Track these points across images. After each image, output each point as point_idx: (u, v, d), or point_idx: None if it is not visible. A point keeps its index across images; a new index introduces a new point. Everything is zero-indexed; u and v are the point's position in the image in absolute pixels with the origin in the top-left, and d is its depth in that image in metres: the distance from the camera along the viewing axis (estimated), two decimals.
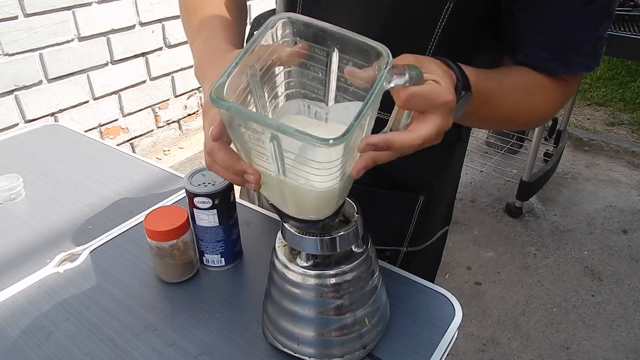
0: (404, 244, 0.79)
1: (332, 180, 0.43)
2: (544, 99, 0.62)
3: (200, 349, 0.60)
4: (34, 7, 1.93)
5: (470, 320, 1.87)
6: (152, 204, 0.87)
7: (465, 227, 2.35)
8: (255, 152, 0.43)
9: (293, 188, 0.45)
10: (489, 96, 0.56)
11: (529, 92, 0.61)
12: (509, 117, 0.63)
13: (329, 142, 0.37)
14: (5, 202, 0.88)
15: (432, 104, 0.45)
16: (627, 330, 1.82)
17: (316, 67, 0.47)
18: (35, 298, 0.68)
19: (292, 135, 0.37)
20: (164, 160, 2.66)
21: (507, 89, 0.59)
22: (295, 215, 0.52)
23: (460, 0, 0.56)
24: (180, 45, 2.58)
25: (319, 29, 0.44)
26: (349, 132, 0.37)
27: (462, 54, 0.62)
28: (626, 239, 2.27)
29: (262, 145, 0.42)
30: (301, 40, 0.45)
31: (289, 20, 0.45)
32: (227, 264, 0.73)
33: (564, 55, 0.59)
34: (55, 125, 1.17)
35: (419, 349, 0.60)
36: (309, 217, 0.52)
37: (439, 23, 0.58)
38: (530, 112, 0.62)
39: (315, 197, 0.46)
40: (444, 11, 0.57)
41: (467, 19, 0.60)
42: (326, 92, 0.48)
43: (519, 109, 0.61)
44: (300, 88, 0.49)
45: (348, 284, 0.54)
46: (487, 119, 0.63)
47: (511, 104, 0.60)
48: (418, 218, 0.76)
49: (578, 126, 3.22)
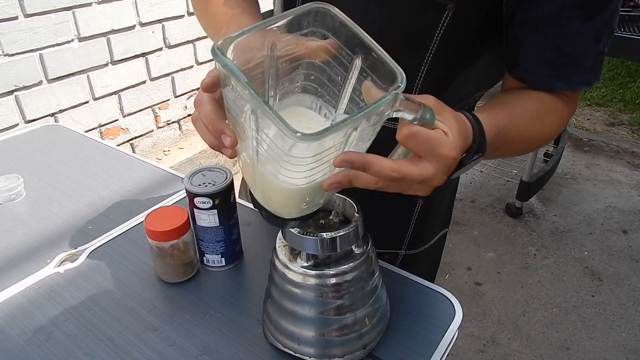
0: (403, 247, 0.79)
1: (297, 179, 0.42)
2: (554, 120, 0.62)
3: (200, 349, 0.60)
4: (34, 7, 1.93)
5: (471, 320, 1.87)
6: (152, 204, 0.87)
7: (465, 227, 2.35)
8: (239, 122, 0.42)
9: (262, 174, 0.44)
10: (507, 141, 0.56)
11: (542, 121, 0.60)
12: (523, 149, 0.63)
13: (297, 134, 0.35)
14: (6, 202, 0.88)
15: (431, 151, 0.43)
16: (627, 331, 1.82)
17: (337, 70, 0.45)
18: (36, 298, 0.68)
19: (268, 115, 0.36)
20: (164, 161, 2.66)
21: (523, 128, 0.58)
22: (261, 202, 0.50)
23: (459, 10, 0.56)
24: (180, 45, 2.58)
25: (352, 32, 0.42)
26: (321, 134, 0.36)
27: (459, 63, 0.61)
28: (626, 240, 2.27)
29: (244, 116, 0.40)
30: (332, 37, 0.44)
31: (328, 13, 0.43)
32: (227, 264, 0.73)
33: (565, 71, 0.59)
34: (55, 126, 1.17)
35: (419, 349, 0.60)
36: (273, 210, 0.50)
37: (437, 33, 0.58)
38: (543, 138, 0.62)
39: (278, 190, 0.45)
40: (442, 21, 0.57)
41: (465, 29, 0.59)
42: (339, 99, 0.47)
43: (533, 140, 0.61)
44: (318, 85, 0.47)
45: (348, 284, 0.54)
46: (498, 156, 0.63)
47: (526, 139, 0.60)
48: (417, 221, 0.76)
49: (578, 126, 3.22)
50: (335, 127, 0.37)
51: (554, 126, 0.62)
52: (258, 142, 0.41)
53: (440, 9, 0.56)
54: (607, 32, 0.56)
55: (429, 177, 0.43)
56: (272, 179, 0.43)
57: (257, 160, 0.43)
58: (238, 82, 0.37)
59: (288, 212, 0.50)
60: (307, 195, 0.45)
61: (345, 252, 0.55)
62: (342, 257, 0.55)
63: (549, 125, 0.61)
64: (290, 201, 0.48)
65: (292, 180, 0.42)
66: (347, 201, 0.57)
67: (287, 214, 0.50)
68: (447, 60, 0.60)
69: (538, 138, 0.62)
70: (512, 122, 0.56)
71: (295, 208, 0.49)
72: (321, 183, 0.42)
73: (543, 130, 0.61)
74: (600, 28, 0.55)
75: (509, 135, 0.56)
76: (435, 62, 0.59)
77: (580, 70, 0.58)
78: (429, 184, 0.44)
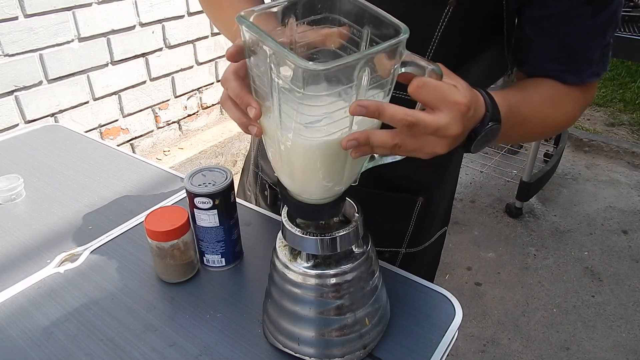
0: (403, 245, 0.79)
1: (316, 133, 0.43)
2: (570, 106, 0.62)
3: (200, 349, 0.60)
4: (34, 7, 1.93)
5: (471, 320, 1.87)
6: (152, 204, 0.87)
7: (465, 227, 2.34)
8: (262, 91, 0.45)
9: (285, 142, 0.46)
10: (520, 120, 0.56)
11: (556, 105, 0.61)
12: (538, 132, 0.63)
13: (309, 63, 0.38)
14: (6, 202, 0.88)
15: (443, 99, 0.43)
16: (627, 331, 1.82)
17: (350, 50, 0.47)
18: (36, 298, 0.68)
19: (284, 54, 0.39)
20: (164, 161, 2.66)
21: (536, 108, 0.59)
22: (288, 185, 0.52)
23: (460, 6, 0.56)
24: (180, 45, 2.58)
25: (359, 6, 0.45)
26: (330, 63, 0.38)
27: (461, 60, 0.61)
28: (626, 240, 2.27)
29: (266, 76, 0.43)
30: (344, 20, 0.46)
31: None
32: (227, 264, 0.73)
33: (574, 66, 0.59)
34: (55, 126, 1.17)
35: (419, 349, 0.60)
36: (299, 191, 0.51)
37: (438, 29, 0.58)
38: (558, 123, 0.63)
39: (299, 154, 0.46)
40: (443, 17, 0.57)
41: (466, 25, 0.59)
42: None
43: (548, 122, 0.62)
44: None
45: (348, 284, 0.54)
46: (516, 138, 0.63)
47: (540, 121, 0.60)
48: (417, 219, 0.76)
49: (578, 127, 3.22)
50: (343, 59, 0.39)
51: (570, 112, 0.62)
52: (279, 96, 0.43)
53: (441, 5, 0.56)
54: (614, 25, 0.57)
55: (444, 125, 0.43)
56: (294, 143, 0.45)
57: (280, 126, 0.45)
58: (260, 36, 0.40)
59: (311, 187, 0.51)
60: (327, 160, 0.46)
61: (345, 252, 0.55)
62: (342, 257, 0.55)
63: (564, 110, 0.62)
64: (312, 169, 0.48)
65: (311, 138, 0.44)
66: (347, 201, 0.57)
67: (310, 192, 0.51)
68: (449, 57, 0.60)
69: (553, 122, 0.62)
70: (525, 101, 0.57)
71: (316, 179, 0.49)
72: (340, 141, 0.44)
73: (557, 115, 0.61)
74: (607, 22, 0.56)
75: (523, 113, 0.56)
76: (437, 58, 0.60)
77: (589, 64, 0.59)
78: (445, 134, 0.44)
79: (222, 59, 2.84)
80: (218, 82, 2.90)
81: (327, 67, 0.38)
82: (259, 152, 0.87)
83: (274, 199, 0.86)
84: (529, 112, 0.57)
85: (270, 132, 0.48)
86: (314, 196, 0.52)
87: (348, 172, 0.50)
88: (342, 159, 0.47)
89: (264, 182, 0.86)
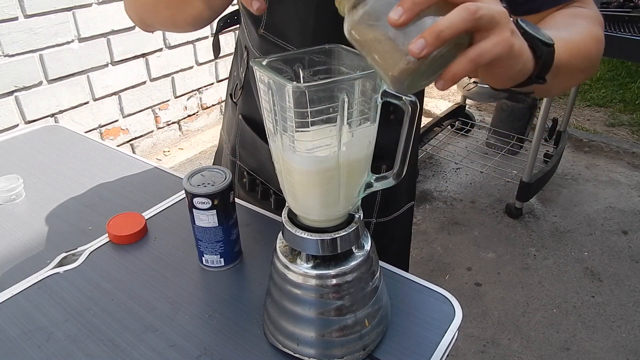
0: (373, 215, 0.83)
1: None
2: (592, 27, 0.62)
3: (200, 349, 0.60)
4: (34, 8, 1.94)
5: (471, 321, 1.86)
6: (152, 205, 0.87)
7: (465, 228, 2.34)
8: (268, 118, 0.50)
9: (288, 160, 0.50)
10: (569, 43, 0.55)
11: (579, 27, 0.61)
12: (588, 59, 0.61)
13: (294, 83, 0.42)
14: (6, 202, 0.88)
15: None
16: (628, 332, 1.82)
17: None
18: (36, 298, 0.68)
19: (274, 77, 0.44)
20: (164, 161, 2.66)
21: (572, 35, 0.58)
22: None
23: None
24: (180, 46, 2.58)
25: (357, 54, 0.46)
26: (314, 84, 0.42)
27: None
28: (626, 240, 2.27)
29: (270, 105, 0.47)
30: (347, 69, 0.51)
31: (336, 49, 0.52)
32: (226, 265, 0.73)
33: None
34: (55, 126, 1.17)
35: (419, 349, 0.60)
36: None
37: None
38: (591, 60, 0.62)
39: (297, 170, 0.49)
40: None
41: None
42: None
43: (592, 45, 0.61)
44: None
45: (349, 285, 0.54)
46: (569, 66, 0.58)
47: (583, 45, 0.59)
48: (383, 192, 0.80)
49: (578, 127, 3.22)
50: (324, 81, 0.43)
51: (596, 34, 0.62)
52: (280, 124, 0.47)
53: None
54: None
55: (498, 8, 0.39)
56: (291, 160, 0.49)
57: (282, 148, 0.50)
58: (265, 71, 0.45)
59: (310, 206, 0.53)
60: (321, 178, 0.49)
61: (345, 253, 0.55)
62: (343, 258, 0.55)
63: (596, 32, 0.62)
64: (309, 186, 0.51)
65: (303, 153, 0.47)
66: None
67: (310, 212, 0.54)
68: None
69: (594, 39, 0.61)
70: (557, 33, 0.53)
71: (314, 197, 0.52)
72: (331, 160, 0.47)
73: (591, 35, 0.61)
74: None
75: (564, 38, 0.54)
76: None
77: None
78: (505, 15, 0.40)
79: (221, 60, 2.84)
80: (218, 83, 2.90)
81: (310, 84, 0.43)
82: (238, 140, 0.87)
83: (252, 185, 0.87)
84: (567, 37, 0.56)
85: (276, 156, 0.52)
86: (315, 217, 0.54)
87: (344, 193, 0.52)
88: (335, 180, 0.50)
89: (242, 170, 0.87)
